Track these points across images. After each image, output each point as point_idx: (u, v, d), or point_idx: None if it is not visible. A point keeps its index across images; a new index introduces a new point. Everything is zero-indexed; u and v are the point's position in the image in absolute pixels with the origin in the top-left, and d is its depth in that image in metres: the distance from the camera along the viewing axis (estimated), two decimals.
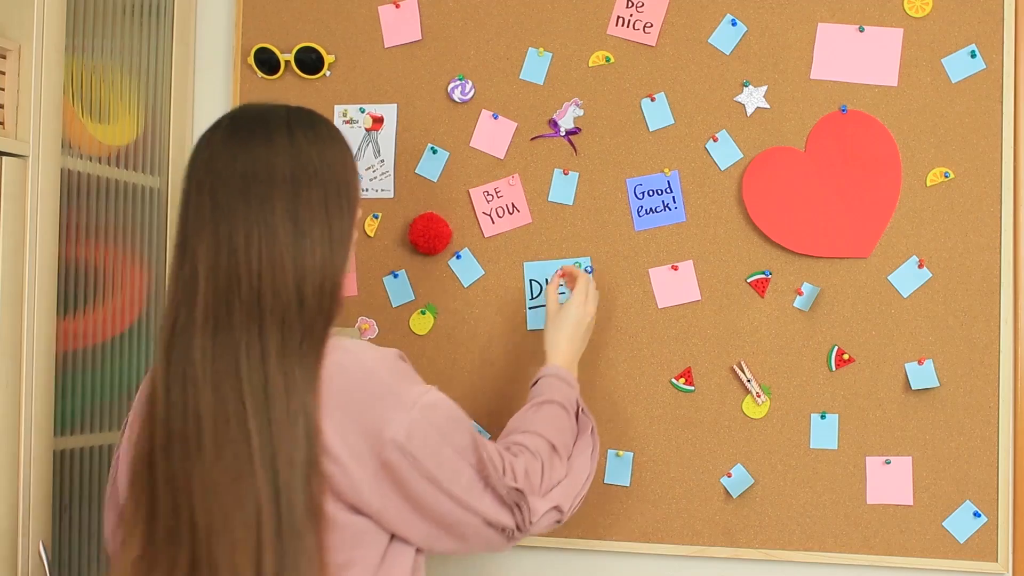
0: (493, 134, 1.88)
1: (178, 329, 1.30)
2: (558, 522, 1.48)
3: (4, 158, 1.56)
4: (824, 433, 1.76)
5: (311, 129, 1.36)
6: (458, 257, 1.89)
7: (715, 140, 1.81)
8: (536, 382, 1.64)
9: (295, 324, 1.28)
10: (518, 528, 1.41)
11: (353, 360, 1.31)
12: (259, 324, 1.27)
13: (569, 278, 1.76)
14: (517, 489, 1.39)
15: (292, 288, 1.28)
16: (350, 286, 1.92)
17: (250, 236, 1.28)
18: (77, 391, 1.76)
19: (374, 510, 1.31)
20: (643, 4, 1.84)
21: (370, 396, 1.30)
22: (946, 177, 1.74)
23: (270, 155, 1.32)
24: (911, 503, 1.74)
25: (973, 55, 1.73)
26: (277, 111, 1.38)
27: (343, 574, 1.30)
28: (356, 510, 1.31)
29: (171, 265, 1.35)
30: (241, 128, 1.35)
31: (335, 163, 1.36)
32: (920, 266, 1.74)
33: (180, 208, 1.35)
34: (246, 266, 1.28)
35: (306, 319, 1.29)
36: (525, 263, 1.87)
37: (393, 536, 1.36)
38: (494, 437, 1.85)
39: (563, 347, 1.66)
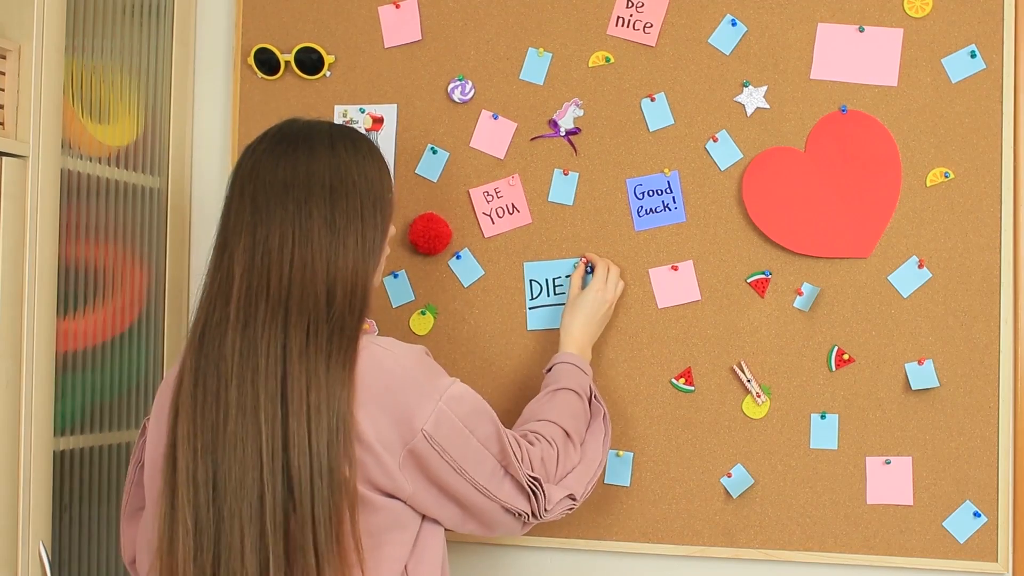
0: (493, 134, 1.88)
1: (211, 325, 1.37)
2: (571, 509, 1.55)
3: (4, 158, 1.56)
4: (824, 433, 1.76)
5: (352, 144, 1.44)
6: (458, 257, 1.89)
7: (715, 140, 1.81)
8: (550, 368, 1.70)
9: (322, 323, 1.35)
10: (534, 514, 1.48)
11: (385, 355, 1.37)
12: (284, 322, 1.34)
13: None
14: (534, 477, 1.47)
15: (322, 289, 1.35)
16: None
17: (284, 238, 1.36)
18: (77, 391, 1.76)
19: (407, 494, 1.38)
20: (643, 4, 1.84)
21: (400, 388, 1.36)
22: (946, 177, 1.74)
23: (311, 164, 1.39)
24: (911, 503, 1.74)
25: (973, 55, 1.73)
26: (321, 126, 1.46)
27: (381, 554, 1.37)
28: (391, 495, 1.38)
29: (209, 264, 1.41)
30: (285, 139, 1.43)
31: (373, 178, 1.44)
32: (920, 266, 1.74)
33: (222, 212, 1.43)
34: (278, 267, 1.35)
35: (334, 319, 1.35)
36: (525, 263, 1.87)
37: (425, 517, 1.43)
38: None
39: (576, 333, 1.73)
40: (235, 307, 1.35)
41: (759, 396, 1.78)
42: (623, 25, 1.85)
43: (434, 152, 1.90)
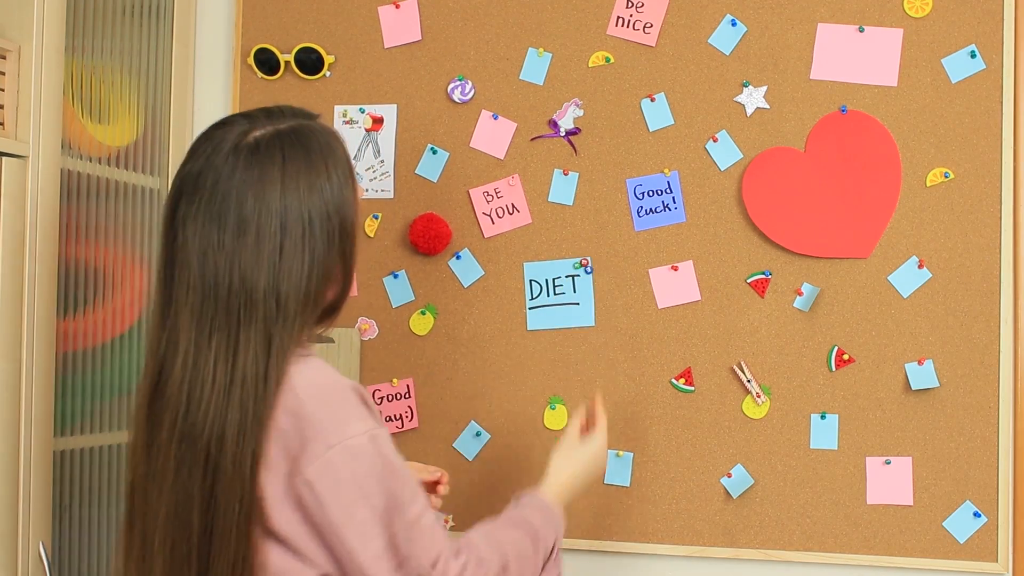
0: (493, 134, 1.88)
1: (167, 349, 1.27)
2: None
3: (4, 158, 1.56)
4: (824, 433, 1.76)
5: (307, 174, 1.28)
6: (458, 257, 1.89)
7: (715, 140, 1.81)
8: (522, 498, 1.46)
9: (258, 327, 1.24)
10: None
11: (302, 382, 1.25)
12: (233, 348, 1.24)
13: (590, 418, 1.57)
14: None
15: (260, 298, 1.24)
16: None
17: (233, 267, 1.24)
18: (77, 391, 1.76)
19: (283, 535, 1.23)
20: (643, 4, 1.84)
21: (300, 422, 1.22)
22: (946, 177, 1.74)
23: (264, 199, 1.25)
24: (911, 503, 1.74)
25: (973, 55, 1.73)
26: (272, 146, 1.28)
27: None
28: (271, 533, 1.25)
29: (160, 262, 1.29)
30: (241, 158, 1.27)
31: (330, 207, 1.29)
32: (920, 266, 1.74)
33: (173, 203, 1.28)
34: (226, 290, 1.24)
35: (267, 326, 1.24)
36: (525, 263, 1.87)
37: None
38: (495, 439, 1.85)
39: (565, 479, 1.50)
40: (186, 320, 1.25)
41: (759, 396, 1.78)
42: (623, 25, 1.85)
43: (434, 152, 1.90)
